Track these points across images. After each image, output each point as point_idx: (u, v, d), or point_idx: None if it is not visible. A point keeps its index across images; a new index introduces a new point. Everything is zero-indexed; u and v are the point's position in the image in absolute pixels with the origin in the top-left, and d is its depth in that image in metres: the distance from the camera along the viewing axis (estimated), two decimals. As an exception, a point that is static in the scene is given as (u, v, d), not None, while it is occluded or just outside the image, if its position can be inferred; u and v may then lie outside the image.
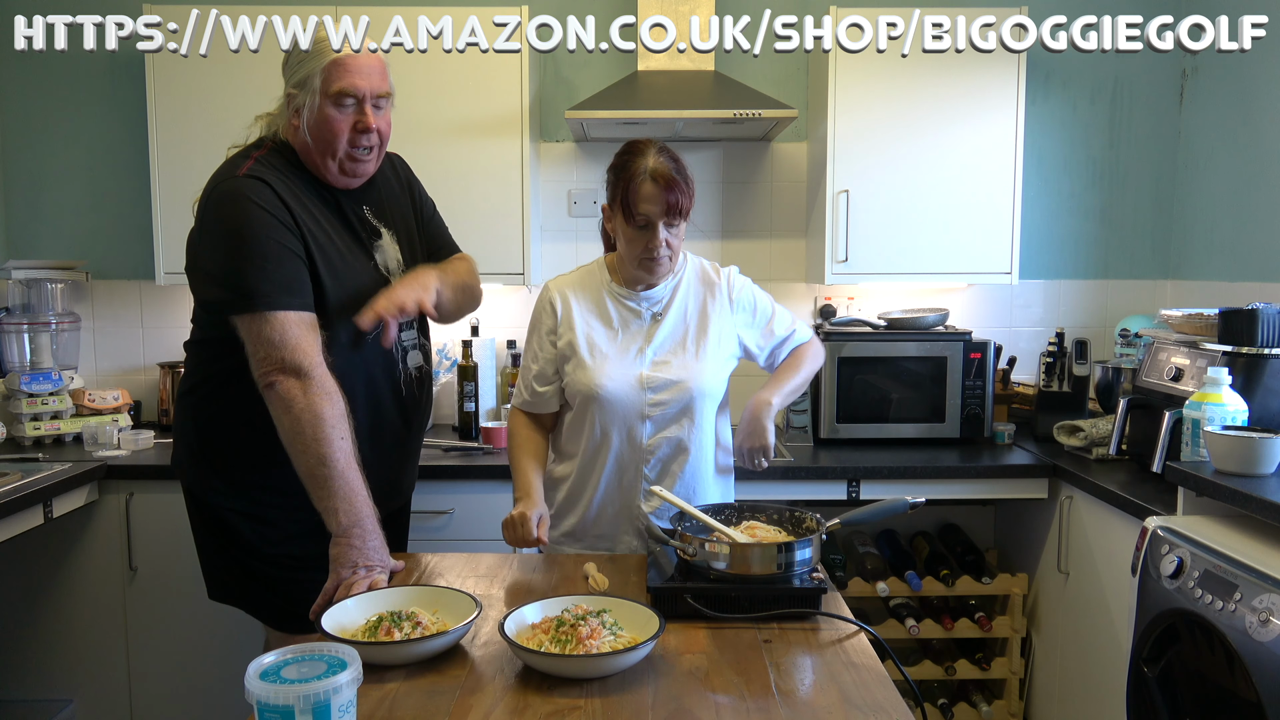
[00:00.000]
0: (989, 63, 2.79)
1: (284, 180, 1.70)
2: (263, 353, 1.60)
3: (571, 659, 1.26)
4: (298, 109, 1.71)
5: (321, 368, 1.62)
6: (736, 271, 1.98)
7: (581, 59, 3.14)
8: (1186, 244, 3.14)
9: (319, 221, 1.72)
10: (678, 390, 1.84)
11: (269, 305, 1.60)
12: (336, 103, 1.69)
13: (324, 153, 1.73)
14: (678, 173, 1.79)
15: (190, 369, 1.85)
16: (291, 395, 1.58)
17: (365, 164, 1.77)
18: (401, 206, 1.93)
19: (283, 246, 1.63)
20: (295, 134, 1.74)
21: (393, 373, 1.83)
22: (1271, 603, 1.56)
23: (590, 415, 1.87)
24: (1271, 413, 2.07)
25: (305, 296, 1.65)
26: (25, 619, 2.67)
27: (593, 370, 1.85)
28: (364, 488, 1.62)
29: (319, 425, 1.58)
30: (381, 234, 1.84)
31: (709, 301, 1.91)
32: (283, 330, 1.60)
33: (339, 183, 1.79)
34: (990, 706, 2.77)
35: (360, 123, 1.71)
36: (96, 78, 3.09)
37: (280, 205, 1.65)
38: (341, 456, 1.59)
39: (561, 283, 1.95)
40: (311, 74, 1.69)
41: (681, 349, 1.87)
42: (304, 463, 1.59)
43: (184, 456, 1.84)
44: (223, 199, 1.65)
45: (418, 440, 1.97)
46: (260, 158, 1.71)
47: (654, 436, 1.86)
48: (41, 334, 2.94)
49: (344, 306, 1.72)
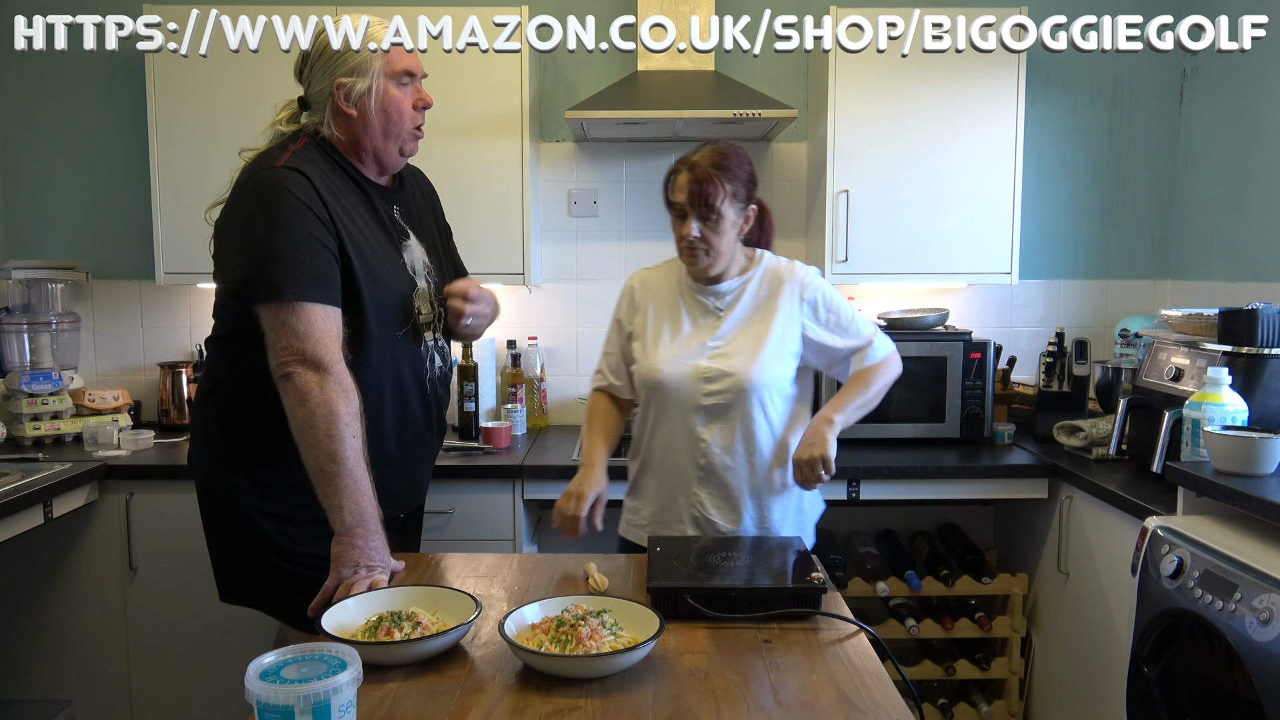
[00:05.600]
0: (989, 63, 2.79)
1: (321, 174, 1.70)
2: (284, 342, 1.60)
3: (571, 659, 1.26)
4: (358, 96, 1.72)
5: (341, 364, 1.62)
6: (815, 272, 1.96)
7: (582, 59, 3.14)
8: (1186, 244, 3.14)
9: (354, 217, 1.72)
10: (731, 381, 1.85)
11: (297, 296, 1.59)
12: (400, 82, 1.76)
13: (388, 134, 1.76)
14: (715, 165, 1.82)
15: (213, 365, 1.83)
16: (308, 388, 1.58)
17: (418, 143, 1.84)
18: (425, 216, 1.95)
19: (315, 239, 1.63)
20: (348, 125, 1.75)
21: (419, 371, 1.83)
22: (1271, 603, 1.56)
23: (651, 403, 1.93)
24: (1271, 413, 2.07)
25: (333, 291, 1.65)
26: (25, 619, 2.67)
27: (654, 357, 1.91)
28: (370, 488, 1.61)
29: (333, 421, 1.57)
30: (410, 235, 1.85)
31: (777, 297, 1.91)
32: (308, 322, 1.60)
33: (394, 165, 1.83)
34: (990, 706, 2.77)
35: (420, 99, 1.80)
36: (96, 78, 3.09)
37: (316, 198, 1.65)
38: (352, 454, 1.59)
39: (643, 274, 2.03)
40: (369, 59, 1.72)
41: (743, 342, 1.88)
42: (314, 458, 1.59)
43: (205, 454, 1.82)
44: (260, 187, 1.65)
45: (439, 441, 1.97)
46: (298, 150, 1.72)
47: (707, 427, 1.87)
48: (42, 334, 2.94)
49: (376, 302, 1.72)
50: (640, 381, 1.94)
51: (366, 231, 1.75)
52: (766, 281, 1.93)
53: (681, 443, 1.90)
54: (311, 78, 1.77)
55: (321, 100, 1.76)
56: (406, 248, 1.83)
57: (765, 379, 1.86)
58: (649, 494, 1.97)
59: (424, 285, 1.84)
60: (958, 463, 2.65)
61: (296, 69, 1.80)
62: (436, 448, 1.99)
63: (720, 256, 1.88)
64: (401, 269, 1.80)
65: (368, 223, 1.76)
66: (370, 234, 1.75)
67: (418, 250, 1.85)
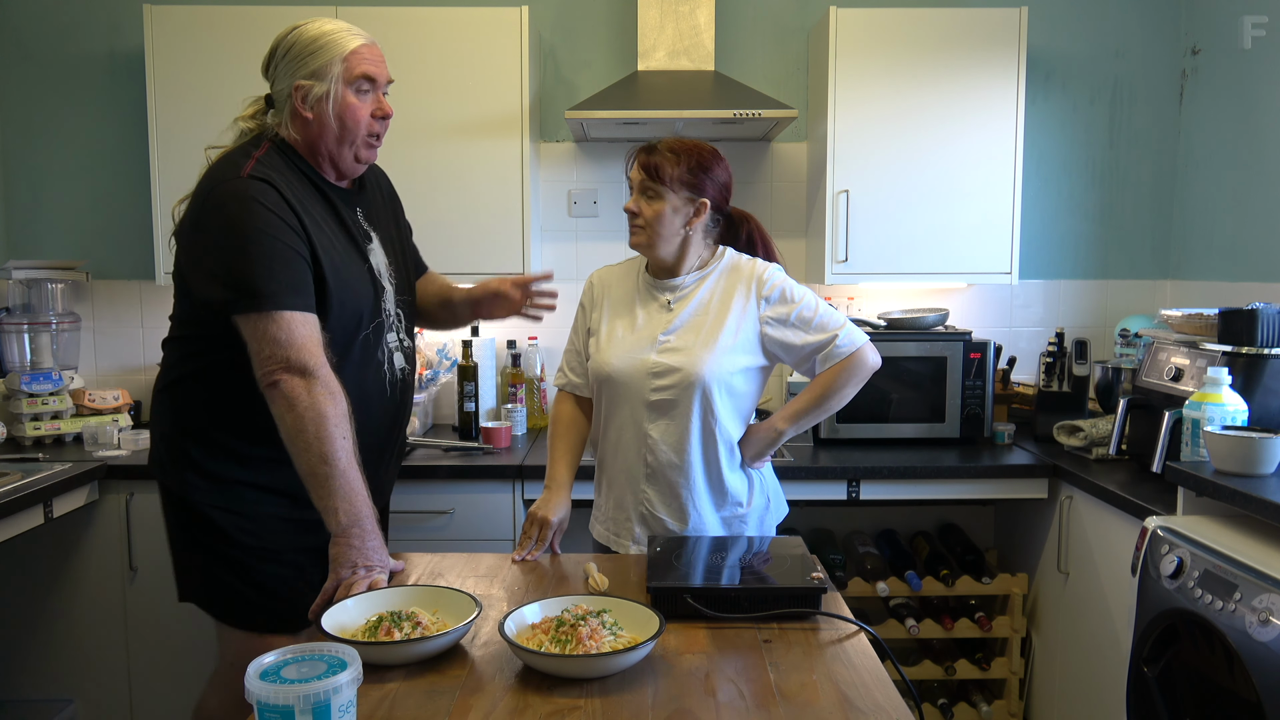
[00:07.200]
0: (989, 63, 2.79)
1: (286, 181, 1.70)
2: (268, 351, 1.60)
3: (571, 659, 1.26)
4: (316, 99, 1.72)
5: (325, 367, 1.63)
6: (775, 269, 1.92)
7: (582, 59, 3.14)
8: (1186, 244, 3.14)
9: (320, 224, 1.73)
10: (678, 376, 1.83)
11: (276, 305, 1.60)
12: (358, 89, 1.74)
13: (343, 140, 1.75)
14: (673, 150, 1.84)
15: (167, 365, 1.84)
16: (295, 394, 1.59)
17: (375, 150, 1.82)
18: (386, 216, 1.94)
19: (289, 248, 1.64)
20: (304, 127, 1.74)
21: (381, 373, 1.84)
22: (1271, 603, 1.56)
23: (603, 398, 1.92)
24: (1271, 413, 2.07)
25: (309, 297, 1.66)
26: (25, 619, 2.67)
27: (606, 352, 1.90)
28: (364, 488, 1.62)
29: (322, 424, 1.58)
30: (373, 238, 1.85)
31: (733, 293, 1.88)
32: (290, 329, 1.60)
33: (350, 171, 1.81)
34: (990, 706, 2.77)
35: (379, 109, 1.77)
36: (96, 78, 3.09)
37: (285, 207, 1.66)
38: (343, 455, 1.60)
39: (604, 270, 2.04)
40: (329, 63, 1.71)
41: (692, 337, 1.86)
42: (305, 461, 1.60)
43: (162, 453, 1.83)
44: (227, 199, 1.65)
45: (399, 442, 1.97)
46: (261, 158, 1.71)
47: (655, 423, 1.86)
48: (42, 334, 2.94)
49: (344, 306, 1.73)
50: (593, 375, 1.93)
51: (333, 237, 1.75)
52: (724, 277, 1.91)
53: (630, 439, 1.89)
54: (276, 76, 1.76)
55: (283, 100, 1.76)
56: (371, 251, 1.83)
57: (714, 374, 1.82)
58: (604, 491, 1.97)
59: (388, 287, 1.85)
60: (958, 463, 2.65)
61: (264, 65, 1.79)
62: (396, 449, 1.98)
63: (659, 239, 1.85)
64: (367, 273, 1.80)
65: (333, 228, 1.76)
66: (336, 239, 1.75)
67: (381, 253, 1.85)
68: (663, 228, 1.85)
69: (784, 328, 1.87)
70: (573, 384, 2.02)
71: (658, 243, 1.87)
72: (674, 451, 1.86)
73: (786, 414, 1.91)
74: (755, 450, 1.92)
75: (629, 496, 1.91)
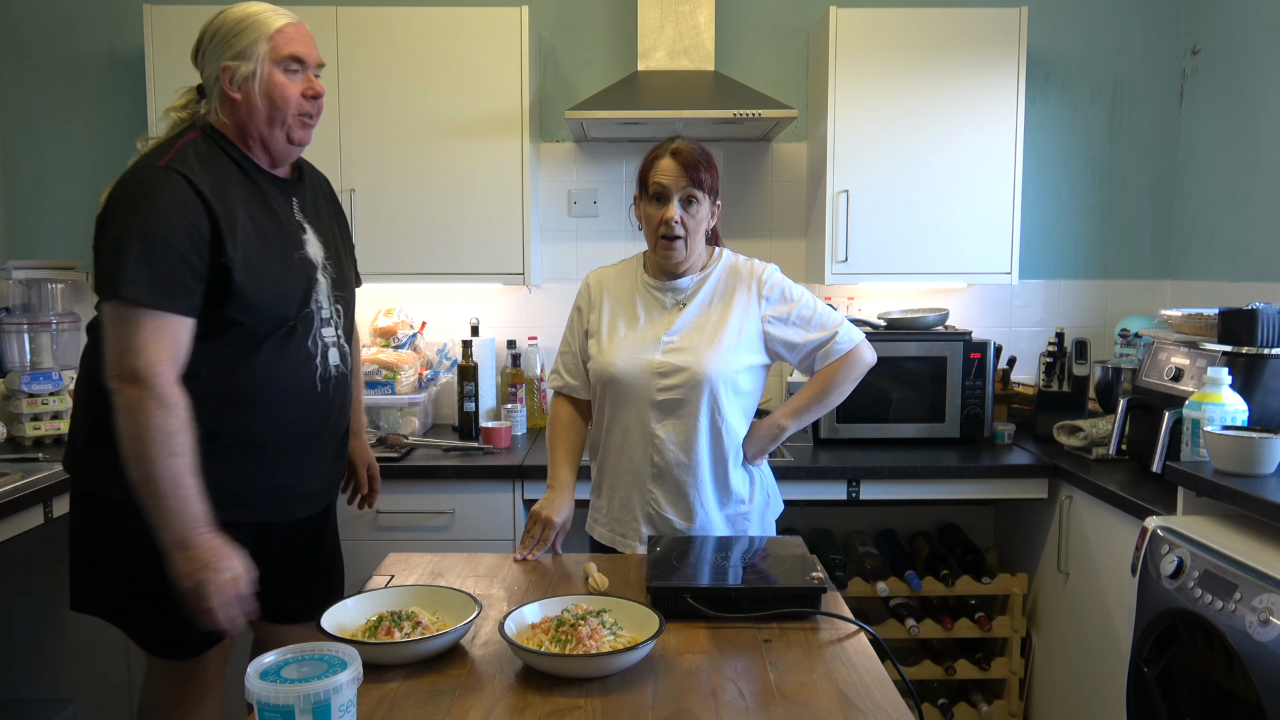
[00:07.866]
0: (989, 63, 2.79)
1: (209, 171, 1.66)
2: (111, 352, 1.56)
3: (571, 659, 1.26)
4: (242, 79, 1.69)
5: (163, 376, 1.55)
6: (774, 268, 1.95)
7: (582, 59, 3.14)
8: (1186, 244, 3.14)
9: (241, 213, 1.68)
10: (685, 376, 1.84)
11: (134, 298, 1.55)
12: (286, 69, 1.71)
13: (273, 121, 1.72)
14: (700, 154, 1.84)
15: (84, 356, 1.78)
16: (126, 404, 1.54)
17: (308, 132, 1.78)
18: (326, 216, 1.90)
19: (173, 247, 1.58)
20: (234, 110, 1.72)
21: (310, 368, 1.77)
22: (1271, 603, 1.56)
23: (607, 399, 1.91)
24: (1271, 413, 2.07)
25: (182, 299, 1.59)
26: (25, 619, 2.67)
27: (609, 352, 1.89)
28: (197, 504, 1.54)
29: (147, 442, 1.52)
30: (307, 229, 1.81)
31: (734, 293, 1.90)
32: (136, 329, 1.55)
33: (284, 154, 1.77)
34: (990, 706, 2.77)
35: (310, 88, 1.74)
36: (96, 77, 3.09)
37: (195, 198, 1.61)
38: (167, 476, 1.52)
39: (600, 272, 2.02)
40: (254, 43, 1.69)
41: (697, 337, 1.86)
42: (132, 473, 1.55)
43: (79, 446, 1.77)
44: (134, 186, 1.62)
45: (335, 442, 1.89)
46: (186, 145, 1.67)
47: (661, 423, 1.86)
48: (42, 334, 2.94)
49: (265, 299, 1.68)
50: (595, 376, 1.92)
51: (257, 224, 1.70)
52: (725, 277, 1.92)
53: (636, 439, 1.88)
54: (204, 62, 1.74)
55: (211, 84, 1.74)
56: (305, 242, 1.79)
57: (720, 373, 1.84)
58: (606, 491, 1.96)
59: (322, 280, 1.80)
60: (958, 463, 2.65)
61: (192, 53, 1.76)
62: (339, 447, 1.91)
63: (694, 248, 1.88)
64: (295, 262, 1.75)
65: (259, 215, 1.71)
66: (262, 228, 1.71)
67: (317, 246, 1.81)
68: (700, 236, 1.88)
69: (785, 326, 1.90)
70: (569, 386, 2.01)
71: (691, 254, 1.88)
72: (682, 450, 1.86)
73: (788, 410, 1.93)
74: (758, 447, 1.93)
75: (635, 496, 1.91)
